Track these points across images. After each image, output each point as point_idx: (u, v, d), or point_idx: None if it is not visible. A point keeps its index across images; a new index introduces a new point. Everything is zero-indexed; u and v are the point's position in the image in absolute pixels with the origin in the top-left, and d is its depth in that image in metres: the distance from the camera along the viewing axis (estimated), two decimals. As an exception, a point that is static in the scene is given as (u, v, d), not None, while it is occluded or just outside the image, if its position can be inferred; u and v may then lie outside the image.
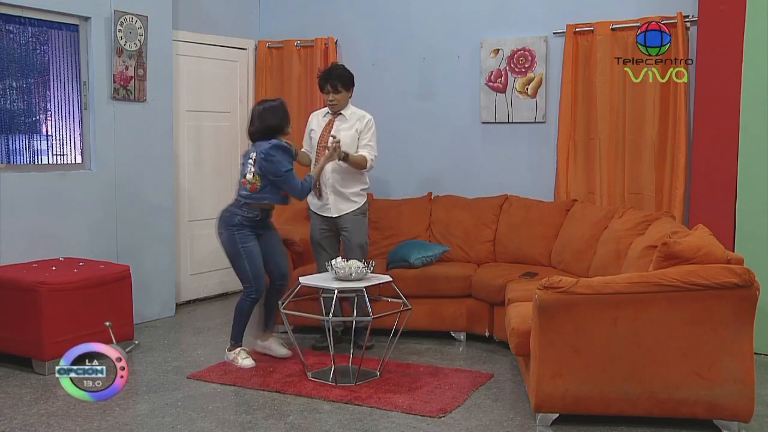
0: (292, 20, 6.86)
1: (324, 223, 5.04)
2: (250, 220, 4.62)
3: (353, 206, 4.99)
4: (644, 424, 3.67)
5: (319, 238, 5.06)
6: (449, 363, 4.78)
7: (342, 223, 4.99)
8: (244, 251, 4.60)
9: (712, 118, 5.04)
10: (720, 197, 4.97)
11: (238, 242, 4.60)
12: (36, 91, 5.32)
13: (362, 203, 5.04)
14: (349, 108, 5.04)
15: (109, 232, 5.52)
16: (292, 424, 3.74)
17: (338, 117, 5.02)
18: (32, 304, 4.42)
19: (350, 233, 4.98)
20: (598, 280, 3.62)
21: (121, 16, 5.44)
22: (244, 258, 4.61)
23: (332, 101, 4.97)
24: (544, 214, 5.60)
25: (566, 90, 5.75)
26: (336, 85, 4.93)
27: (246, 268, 4.62)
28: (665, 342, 3.51)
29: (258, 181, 4.58)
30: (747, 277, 3.41)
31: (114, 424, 3.73)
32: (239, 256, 4.62)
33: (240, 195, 4.64)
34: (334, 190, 4.95)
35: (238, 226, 4.60)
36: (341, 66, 5.12)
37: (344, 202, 4.97)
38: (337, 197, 4.96)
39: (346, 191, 4.96)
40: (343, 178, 4.94)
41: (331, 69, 5.05)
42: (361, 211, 5.03)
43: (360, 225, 5.02)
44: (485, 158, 6.15)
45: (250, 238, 4.63)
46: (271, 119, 4.63)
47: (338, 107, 5.00)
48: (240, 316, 4.70)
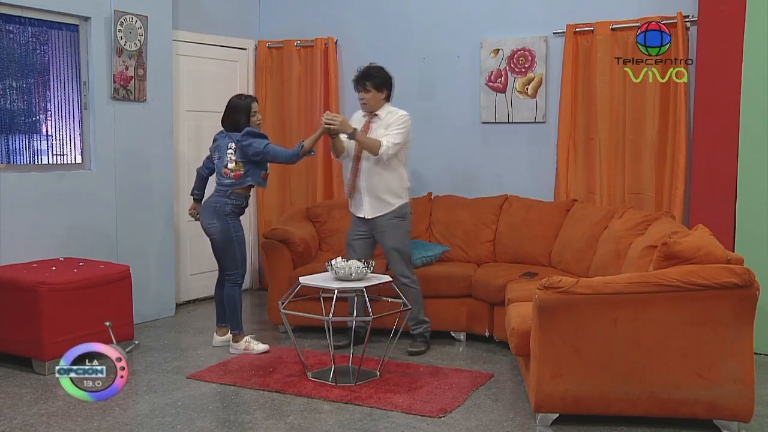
0: (292, 20, 6.87)
1: (359, 224, 4.97)
2: (239, 208, 4.91)
3: (388, 208, 4.87)
4: (644, 424, 3.67)
5: (351, 239, 5.02)
6: (449, 363, 4.78)
7: (376, 225, 4.90)
8: (236, 239, 4.90)
9: (712, 118, 5.04)
10: (720, 197, 4.97)
11: (232, 230, 4.87)
12: (36, 91, 5.32)
13: (399, 206, 4.89)
14: (385, 108, 4.92)
15: (109, 232, 5.52)
16: (292, 424, 3.74)
17: (374, 118, 4.92)
18: (32, 304, 4.43)
19: (384, 236, 4.90)
20: (598, 280, 3.62)
21: (121, 16, 5.44)
22: (235, 245, 4.90)
23: (362, 99, 4.90)
24: (544, 214, 5.60)
25: (566, 90, 5.75)
26: (365, 83, 4.85)
27: (236, 255, 4.91)
28: (665, 342, 3.51)
29: (241, 167, 4.84)
30: (747, 277, 3.41)
31: (114, 424, 3.73)
32: (231, 243, 4.89)
33: (223, 185, 4.88)
34: (370, 192, 4.87)
35: (231, 215, 4.87)
36: (376, 66, 4.95)
37: (379, 205, 4.88)
38: (373, 199, 4.88)
39: (382, 193, 4.87)
40: (379, 180, 4.85)
41: (365, 68, 4.92)
42: (398, 214, 4.88)
43: (395, 229, 4.88)
44: (485, 158, 6.15)
45: (240, 226, 4.94)
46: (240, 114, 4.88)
47: (369, 107, 4.90)
48: (234, 304, 4.92)
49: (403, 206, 4.92)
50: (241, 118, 4.85)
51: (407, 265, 4.96)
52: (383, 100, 4.92)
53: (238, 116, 4.86)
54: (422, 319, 5.02)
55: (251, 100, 4.93)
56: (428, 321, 5.07)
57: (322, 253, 5.80)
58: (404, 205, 4.94)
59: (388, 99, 4.95)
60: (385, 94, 4.92)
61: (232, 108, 4.90)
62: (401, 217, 4.91)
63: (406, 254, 4.95)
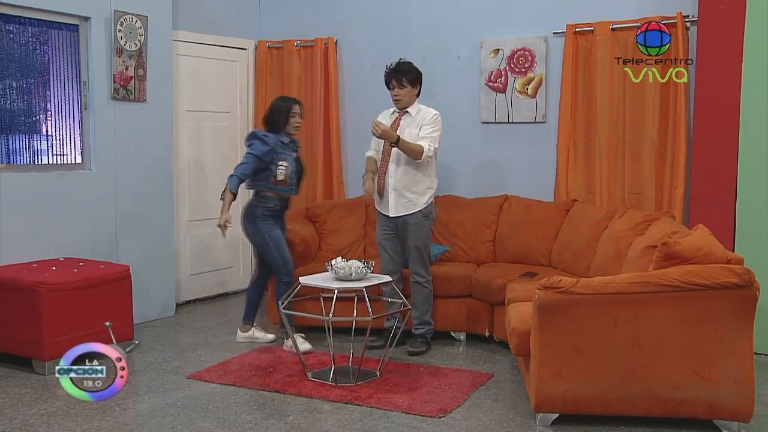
0: (292, 20, 6.86)
1: (386, 222, 4.98)
2: (270, 210, 4.96)
3: (413, 208, 4.87)
4: (644, 424, 3.67)
5: (381, 238, 5.02)
6: (449, 363, 4.78)
7: (401, 224, 4.91)
8: (270, 239, 4.96)
9: (712, 118, 5.04)
10: (720, 197, 4.97)
11: (263, 232, 4.95)
12: (36, 91, 5.32)
13: (424, 206, 4.89)
14: (416, 106, 4.93)
15: (109, 232, 5.52)
16: (292, 424, 3.75)
17: (404, 115, 4.92)
18: (32, 304, 4.42)
19: (407, 235, 4.90)
20: (598, 280, 3.62)
21: (121, 16, 5.44)
22: (271, 246, 4.96)
23: (396, 96, 4.89)
24: (544, 214, 5.60)
25: (566, 90, 5.75)
26: (401, 79, 4.84)
27: (275, 255, 4.97)
28: (665, 342, 3.51)
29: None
30: (747, 277, 3.41)
31: (114, 424, 3.73)
32: (267, 245, 4.97)
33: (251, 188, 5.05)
34: (395, 190, 4.87)
35: (260, 217, 4.95)
36: (407, 62, 4.97)
37: (404, 203, 4.88)
38: (398, 197, 4.88)
39: (407, 192, 4.87)
40: (405, 179, 4.85)
41: (397, 64, 4.93)
42: (423, 214, 4.89)
43: (419, 228, 4.88)
44: (485, 158, 6.15)
45: (273, 227, 4.97)
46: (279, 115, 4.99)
47: (403, 103, 4.89)
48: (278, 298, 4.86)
49: (427, 206, 4.91)
50: (279, 118, 4.94)
51: (424, 264, 4.96)
52: (416, 96, 4.93)
53: (276, 117, 4.96)
54: (427, 320, 5.02)
55: (292, 103, 5.01)
56: (432, 324, 5.07)
57: (322, 253, 5.80)
58: (430, 205, 4.93)
59: (419, 94, 4.96)
60: (418, 89, 4.93)
61: (272, 109, 5.01)
62: (426, 217, 4.91)
63: (425, 254, 4.96)
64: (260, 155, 4.88)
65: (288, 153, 4.98)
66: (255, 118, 6.87)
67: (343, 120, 6.62)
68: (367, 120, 6.47)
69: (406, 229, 4.90)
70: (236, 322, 5.61)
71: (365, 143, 6.12)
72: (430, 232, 5.03)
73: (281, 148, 4.94)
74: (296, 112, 4.98)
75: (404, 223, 4.89)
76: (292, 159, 4.99)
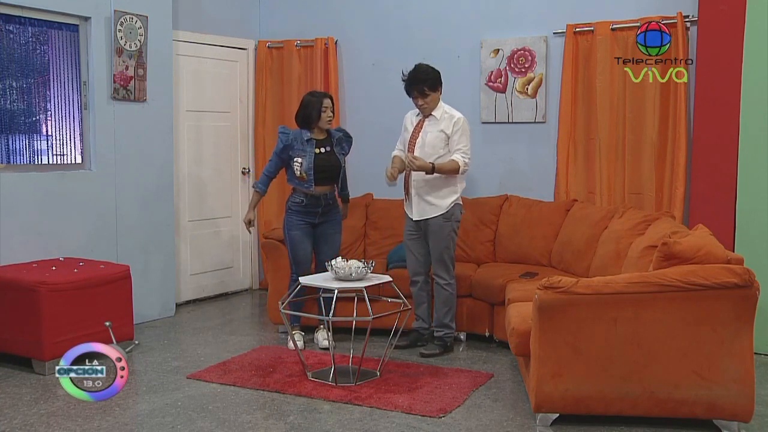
0: (292, 20, 6.86)
1: (411, 224, 4.98)
2: (298, 205, 4.95)
3: (437, 211, 4.84)
4: (644, 424, 3.67)
5: (407, 239, 5.03)
6: (449, 363, 4.77)
7: (425, 226, 4.91)
8: (288, 236, 4.99)
9: (712, 118, 5.04)
10: (720, 197, 4.97)
11: (285, 227, 5.01)
12: (36, 91, 5.32)
13: (447, 209, 4.84)
14: (440, 108, 4.89)
15: (109, 232, 5.52)
16: (292, 424, 3.75)
17: (429, 118, 4.89)
18: (32, 304, 4.43)
19: (430, 237, 4.89)
20: (598, 280, 3.62)
21: (121, 16, 5.44)
22: (288, 243, 5.01)
23: (422, 105, 4.85)
24: (544, 214, 5.60)
25: (566, 90, 5.75)
26: (422, 89, 4.78)
27: (289, 253, 5.02)
28: (665, 342, 3.51)
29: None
30: (747, 277, 3.41)
31: (114, 424, 3.73)
32: (286, 241, 5.04)
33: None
34: (418, 194, 4.87)
35: (288, 212, 5.00)
36: (424, 66, 4.86)
37: (427, 206, 4.87)
38: (421, 200, 4.88)
39: (430, 196, 4.85)
40: (427, 182, 4.83)
41: (414, 72, 4.82)
42: (445, 217, 4.85)
43: (440, 229, 4.85)
44: (485, 158, 6.14)
45: (296, 225, 4.95)
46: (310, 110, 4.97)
47: (429, 110, 4.86)
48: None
49: (450, 209, 4.87)
50: (312, 113, 4.93)
51: (445, 267, 4.93)
52: (439, 98, 4.91)
53: (308, 111, 4.94)
54: (446, 323, 4.99)
55: (323, 97, 4.99)
56: (453, 327, 5.03)
57: (322, 253, 5.79)
58: (453, 207, 4.88)
59: (441, 93, 4.93)
60: (440, 91, 4.89)
61: (303, 104, 4.99)
62: (447, 219, 4.87)
63: (446, 256, 4.92)
64: (278, 152, 4.95)
65: (308, 149, 4.91)
66: (255, 118, 6.88)
67: (343, 120, 6.62)
68: (368, 120, 6.52)
69: (428, 231, 4.91)
70: (236, 322, 5.63)
71: (365, 143, 6.14)
72: (453, 234, 4.94)
73: (300, 144, 4.91)
74: (327, 106, 4.94)
75: (426, 225, 4.90)
76: (311, 155, 4.90)
